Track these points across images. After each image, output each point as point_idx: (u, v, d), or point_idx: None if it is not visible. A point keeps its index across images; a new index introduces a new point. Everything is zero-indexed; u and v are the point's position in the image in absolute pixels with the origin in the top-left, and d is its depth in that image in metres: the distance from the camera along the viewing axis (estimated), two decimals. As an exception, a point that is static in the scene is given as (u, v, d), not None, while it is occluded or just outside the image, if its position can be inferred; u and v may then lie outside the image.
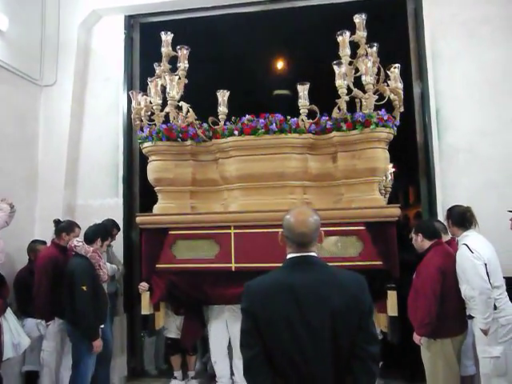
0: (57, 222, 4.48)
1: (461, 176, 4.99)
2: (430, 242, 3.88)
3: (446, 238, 4.10)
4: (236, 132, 4.15)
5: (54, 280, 4.07)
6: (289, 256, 1.88)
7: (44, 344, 4.14)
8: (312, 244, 1.87)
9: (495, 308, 3.53)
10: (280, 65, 6.39)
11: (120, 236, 5.01)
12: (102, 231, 4.18)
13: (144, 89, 4.54)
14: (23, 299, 4.26)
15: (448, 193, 5.04)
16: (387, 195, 4.40)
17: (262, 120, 4.13)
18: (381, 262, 3.88)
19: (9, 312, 3.80)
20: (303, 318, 1.72)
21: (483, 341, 3.58)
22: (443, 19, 5.16)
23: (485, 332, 3.53)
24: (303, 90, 4.20)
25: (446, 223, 3.93)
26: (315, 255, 1.88)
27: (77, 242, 3.97)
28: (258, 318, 1.77)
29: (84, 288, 3.71)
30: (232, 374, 4.61)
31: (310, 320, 1.72)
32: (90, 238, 4.03)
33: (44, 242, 4.51)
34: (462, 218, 3.81)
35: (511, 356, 3.55)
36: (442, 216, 4.88)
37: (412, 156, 5.29)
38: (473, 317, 3.64)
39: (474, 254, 3.54)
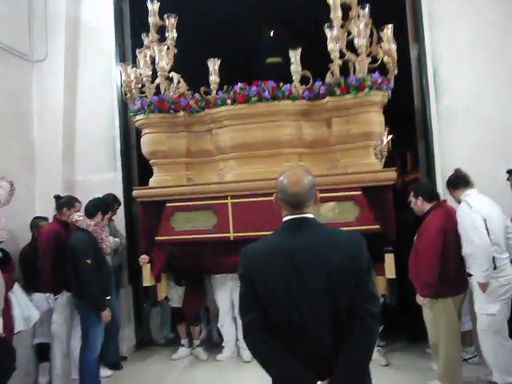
0: (57, 198, 4.45)
1: (459, 137, 4.88)
2: (430, 204, 3.86)
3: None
4: (229, 101, 4.04)
5: (58, 254, 4.06)
6: (284, 219, 1.82)
7: (54, 317, 4.17)
8: (307, 205, 1.80)
9: (495, 268, 3.52)
10: (271, 31, 6.17)
11: (121, 210, 4.99)
12: (102, 205, 4.12)
13: (136, 61, 4.40)
14: (29, 275, 4.25)
15: (446, 155, 4.95)
16: (383, 160, 4.30)
17: (254, 88, 4.02)
18: (378, 226, 3.84)
19: (17, 287, 3.81)
20: (301, 280, 1.68)
21: (481, 298, 3.60)
22: (440, -24, 4.91)
23: (483, 288, 3.52)
24: (295, 55, 4.06)
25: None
26: (311, 216, 1.81)
27: (78, 216, 3.94)
28: (256, 283, 1.73)
29: (88, 261, 3.70)
30: (237, 339, 4.68)
31: (308, 282, 1.68)
32: (90, 212, 3.99)
33: (46, 219, 4.49)
34: (456, 178, 3.81)
35: (506, 314, 3.58)
36: (440, 179, 4.81)
37: (409, 121, 5.16)
38: (471, 275, 3.62)
39: (473, 208, 3.54)
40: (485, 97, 4.82)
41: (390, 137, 5.36)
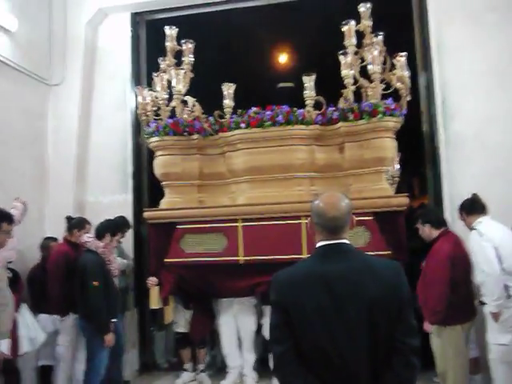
0: (68, 219, 4.39)
1: (468, 164, 4.83)
2: (438, 230, 3.77)
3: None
4: (243, 125, 4.02)
5: (67, 276, 3.97)
6: (319, 244, 1.71)
7: (59, 339, 4.06)
8: (344, 230, 1.70)
9: (508, 297, 3.40)
10: (284, 57, 6.24)
11: (129, 231, 4.89)
12: (112, 227, 4.09)
13: (151, 85, 4.41)
14: (37, 295, 4.17)
15: (455, 182, 4.88)
16: (395, 184, 4.22)
17: (268, 112, 4.00)
18: (389, 252, 3.74)
19: (24, 307, 3.77)
20: (338, 309, 1.56)
21: (494, 327, 3.48)
22: (448, 8, 4.98)
23: (495, 317, 3.40)
24: (309, 80, 4.04)
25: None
26: (347, 242, 1.70)
27: (87, 237, 3.91)
28: (290, 311, 1.60)
29: (95, 283, 3.63)
30: (241, 366, 4.49)
31: (346, 312, 1.56)
32: (99, 233, 3.95)
33: (56, 239, 4.42)
34: (472, 203, 3.71)
35: None
36: (448, 205, 4.73)
37: (417, 146, 5.11)
38: (484, 303, 3.51)
39: (484, 237, 3.44)
40: (493, 123, 4.79)
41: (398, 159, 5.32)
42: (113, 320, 3.83)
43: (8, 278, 3.30)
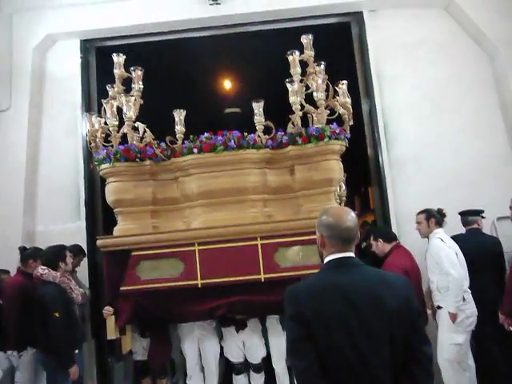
0: (22, 249, 4.19)
1: (409, 184, 5.09)
2: (390, 244, 3.93)
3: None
4: (195, 150, 3.98)
5: (24, 308, 3.78)
6: (330, 257, 1.73)
7: (17, 376, 3.85)
8: (354, 242, 1.74)
9: (463, 300, 3.61)
10: (230, 85, 6.36)
11: (84, 260, 4.72)
12: (60, 253, 3.88)
13: (101, 111, 4.31)
14: None
15: (399, 200, 5.11)
16: (342, 204, 4.34)
17: (220, 137, 3.99)
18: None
19: None
20: (361, 322, 1.56)
21: (450, 328, 3.61)
22: (384, 42, 5.32)
23: (453, 318, 3.53)
24: (258, 107, 4.11)
25: (424, 224, 3.95)
26: (354, 256, 1.74)
27: (42, 270, 3.69)
28: (311, 323, 1.56)
29: (56, 314, 3.44)
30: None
31: (369, 324, 1.56)
32: (52, 264, 3.75)
33: (8, 272, 4.23)
34: (442, 217, 3.95)
35: (468, 345, 3.69)
36: (395, 222, 4.91)
37: (359, 167, 5.31)
38: (441, 307, 3.61)
39: (447, 243, 3.66)
40: (428, 147, 5.10)
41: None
42: (76, 351, 3.69)
43: None
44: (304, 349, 1.57)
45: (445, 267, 3.61)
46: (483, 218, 4.34)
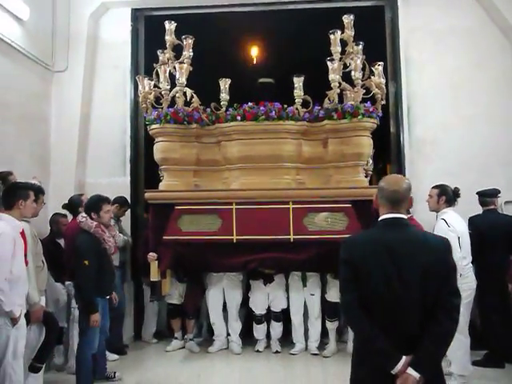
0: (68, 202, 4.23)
1: (426, 165, 5.04)
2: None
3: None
4: (238, 118, 4.00)
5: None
6: (382, 217, 1.86)
7: (73, 303, 3.88)
8: (403, 205, 1.86)
9: (460, 275, 3.51)
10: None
11: (127, 211, 4.77)
12: (99, 201, 3.59)
13: (149, 75, 4.31)
14: (49, 266, 3.94)
15: (414, 180, 5.02)
16: (368, 177, 4.35)
17: (262, 108, 4.01)
18: (363, 231, 3.82)
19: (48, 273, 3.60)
20: (398, 271, 1.74)
21: None
22: (415, 28, 5.16)
23: None
24: (298, 81, 4.09)
25: (435, 198, 3.79)
26: (405, 217, 1.87)
27: (81, 217, 3.54)
28: (358, 267, 1.78)
29: (86, 262, 3.31)
30: (228, 334, 4.53)
31: (404, 274, 1.74)
32: (90, 211, 3.54)
33: (64, 215, 4.30)
34: (455, 196, 3.78)
35: (467, 316, 3.63)
36: (409, 200, 4.88)
37: (383, 144, 5.25)
38: None
39: (450, 227, 3.56)
40: (447, 131, 5.03)
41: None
42: (106, 297, 3.61)
43: None
44: (350, 287, 1.79)
45: None
46: (499, 197, 4.30)
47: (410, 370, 1.66)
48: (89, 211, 3.51)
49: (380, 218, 1.87)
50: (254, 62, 6.16)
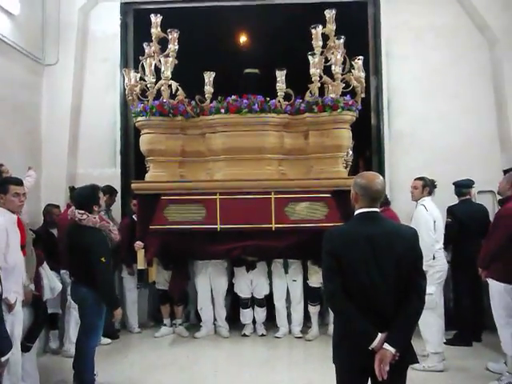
0: (71, 189, 4.14)
1: (405, 156, 4.96)
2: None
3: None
4: (222, 110, 3.87)
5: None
6: (359, 211, 1.92)
7: (68, 290, 3.67)
8: (379, 201, 1.94)
9: (433, 258, 3.59)
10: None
11: (118, 202, 4.69)
12: (93, 195, 3.22)
13: (138, 67, 4.15)
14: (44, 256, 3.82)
15: (393, 170, 5.00)
16: (348, 168, 4.24)
17: (245, 100, 3.88)
18: (343, 223, 3.72)
19: (45, 263, 3.56)
20: (377, 259, 1.82)
21: None
22: (397, 24, 5.04)
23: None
24: (281, 75, 3.96)
25: (419, 189, 3.79)
26: (379, 210, 1.95)
27: (80, 214, 3.09)
28: (340, 258, 1.83)
29: (103, 259, 3.06)
30: (215, 319, 4.46)
31: (382, 262, 1.82)
32: (88, 205, 3.13)
33: (57, 206, 4.21)
34: (433, 188, 3.84)
35: (439, 295, 3.67)
36: (388, 189, 4.84)
37: (364, 134, 5.13)
38: None
39: (428, 212, 3.61)
40: (425, 124, 4.96)
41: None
42: None
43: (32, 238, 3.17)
44: (333, 276, 1.84)
45: (420, 231, 3.57)
46: (473, 188, 4.28)
47: (387, 346, 1.75)
48: (89, 204, 3.11)
49: (357, 212, 1.92)
50: (240, 53, 5.98)
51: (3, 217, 2.73)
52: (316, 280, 4.12)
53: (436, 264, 3.60)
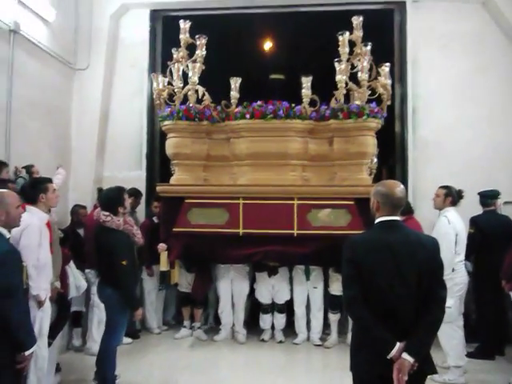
0: (99, 190, 4.20)
1: (429, 165, 4.85)
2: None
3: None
4: (247, 116, 3.86)
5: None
6: (380, 219, 1.89)
7: (93, 289, 3.82)
8: (400, 209, 1.91)
9: (453, 270, 3.50)
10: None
11: (142, 205, 4.71)
12: (118, 198, 3.19)
13: (165, 72, 4.20)
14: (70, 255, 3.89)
15: (417, 178, 4.90)
16: (372, 175, 4.16)
17: (270, 106, 3.85)
18: (364, 231, 3.64)
19: (71, 261, 3.62)
20: (398, 267, 1.79)
21: None
22: (422, 31, 4.95)
23: None
24: (306, 81, 3.91)
25: (441, 198, 3.66)
26: (400, 219, 1.92)
27: (104, 216, 3.09)
28: (361, 266, 1.80)
29: (124, 263, 3.05)
30: (233, 323, 4.41)
31: (403, 271, 1.79)
32: (113, 207, 3.12)
33: (84, 207, 4.25)
34: (458, 197, 3.71)
35: (459, 307, 3.58)
36: (411, 197, 4.75)
37: (389, 142, 5.04)
38: None
39: (451, 225, 3.49)
40: (450, 133, 4.84)
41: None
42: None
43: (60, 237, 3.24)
44: (353, 283, 1.81)
45: (441, 245, 3.44)
46: (499, 198, 4.13)
47: (405, 355, 1.72)
48: (114, 206, 3.10)
49: (377, 221, 1.90)
50: (266, 59, 6.01)
51: (37, 217, 2.80)
52: (337, 288, 4.02)
53: (455, 276, 3.49)
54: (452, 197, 3.67)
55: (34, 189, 2.92)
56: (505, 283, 3.51)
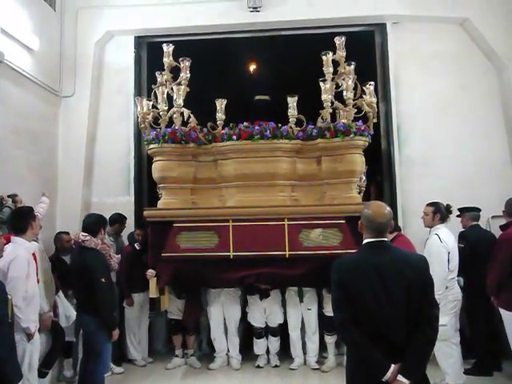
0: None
1: (416, 182, 4.81)
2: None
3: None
4: (234, 137, 3.76)
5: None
6: (366, 240, 1.87)
7: None
8: (386, 231, 1.88)
9: (446, 288, 3.41)
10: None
11: (131, 229, 4.51)
12: (101, 221, 3.36)
13: (150, 95, 4.12)
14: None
15: (405, 196, 4.86)
16: (361, 193, 4.06)
17: (257, 127, 3.76)
18: (351, 253, 3.51)
19: (60, 291, 3.57)
20: (385, 288, 1.75)
21: None
22: (403, 52, 4.99)
23: None
24: (292, 101, 3.85)
25: (430, 216, 3.57)
26: (387, 240, 1.89)
27: (83, 236, 3.15)
28: (349, 288, 1.77)
29: (103, 280, 3.04)
30: (228, 349, 4.19)
31: (391, 291, 1.75)
32: (93, 230, 3.21)
33: (67, 233, 4.07)
34: (447, 213, 3.60)
35: (454, 325, 3.48)
36: (400, 215, 4.65)
37: (375, 159, 4.97)
38: None
39: (443, 243, 3.38)
40: (436, 150, 4.83)
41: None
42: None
43: None
44: (342, 305, 1.78)
45: (433, 264, 3.34)
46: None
47: (400, 377, 1.69)
48: (97, 228, 3.21)
49: (365, 242, 1.87)
50: (251, 80, 6.00)
51: (24, 248, 2.75)
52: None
53: (449, 294, 3.39)
54: (440, 213, 3.57)
55: (23, 218, 2.86)
56: (493, 299, 3.43)
